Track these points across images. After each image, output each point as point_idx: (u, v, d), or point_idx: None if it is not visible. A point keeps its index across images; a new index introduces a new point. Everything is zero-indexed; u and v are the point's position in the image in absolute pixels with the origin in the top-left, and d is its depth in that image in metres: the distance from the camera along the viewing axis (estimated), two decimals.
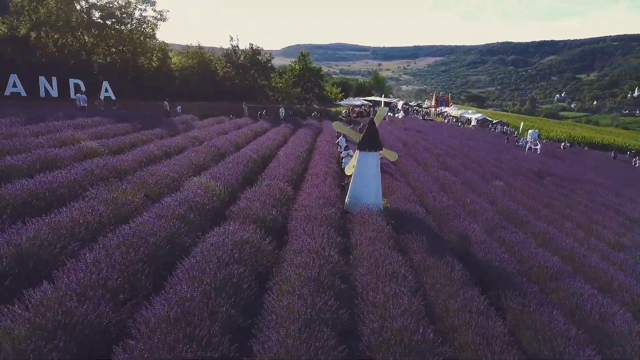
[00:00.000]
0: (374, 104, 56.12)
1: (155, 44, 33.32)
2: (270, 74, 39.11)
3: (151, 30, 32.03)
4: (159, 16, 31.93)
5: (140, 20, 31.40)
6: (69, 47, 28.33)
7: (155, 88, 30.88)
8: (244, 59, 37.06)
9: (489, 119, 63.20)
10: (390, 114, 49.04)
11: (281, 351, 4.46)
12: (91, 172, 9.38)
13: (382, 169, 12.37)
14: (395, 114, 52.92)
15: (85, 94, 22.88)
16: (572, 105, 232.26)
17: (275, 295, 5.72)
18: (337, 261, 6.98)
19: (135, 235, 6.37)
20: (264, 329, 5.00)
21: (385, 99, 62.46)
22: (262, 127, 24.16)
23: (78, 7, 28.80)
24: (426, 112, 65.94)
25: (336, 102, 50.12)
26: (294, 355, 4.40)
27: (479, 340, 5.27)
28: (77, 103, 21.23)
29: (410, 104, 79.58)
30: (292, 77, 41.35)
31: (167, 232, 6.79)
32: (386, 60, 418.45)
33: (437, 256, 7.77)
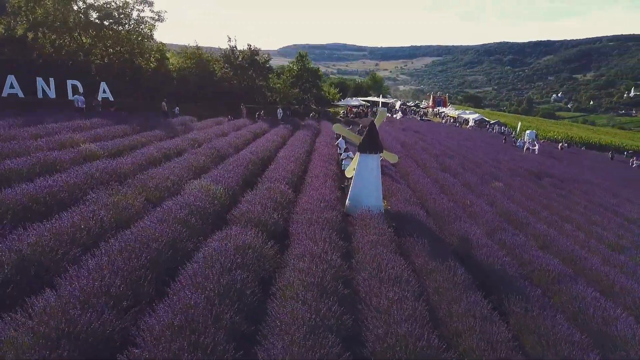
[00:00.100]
0: (371, 105, 56.20)
1: (153, 45, 33.14)
2: (268, 74, 39.00)
3: (149, 31, 31.88)
4: (156, 17, 31.75)
5: (138, 21, 31.21)
6: (66, 48, 28.11)
7: (153, 89, 30.71)
8: (242, 59, 36.93)
9: (486, 119, 63.23)
10: (388, 114, 49.01)
11: (286, 358, 4.44)
12: (91, 176, 9.32)
13: (382, 170, 12.35)
14: (393, 115, 52.96)
15: (83, 94, 22.74)
16: (569, 105, 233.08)
17: (279, 301, 5.70)
18: (339, 265, 6.96)
19: (137, 240, 6.33)
20: (269, 335, 4.97)
21: (383, 99, 62.45)
22: (261, 129, 24.12)
23: (75, 7, 28.57)
24: (424, 112, 65.95)
25: (334, 103, 49.97)
26: None
27: (483, 346, 5.27)
28: (75, 104, 21.11)
29: (407, 104, 79.46)
30: (290, 78, 41.22)
31: (169, 237, 6.74)
32: (383, 60, 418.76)
33: (439, 260, 7.77)
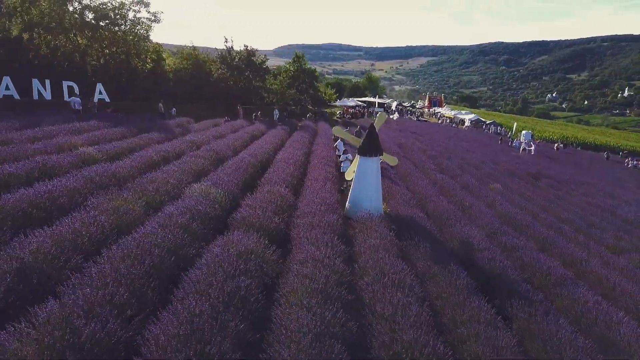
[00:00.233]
0: (367, 105, 56.22)
1: (149, 46, 33.03)
2: (265, 75, 38.94)
3: (145, 31, 31.76)
4: (152, 17, 31.67)
5: (134, 22, 31.10)
6: (62, 49, 27.95)
7: (149, 90, 30.61)
8: (238, 60, 36.87)
9: (482, 119, 63.39)
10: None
11: None
12: (91, 180, 9.24)
13: (381, 172, 12.33)
14: (390, 115, 52.96)
15: (79, 96, 22.59)
16: (563, 105, 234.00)
17: (283, 307, 5.66)
18: (342, 271, 6.94)
19: (140, 247, 6.28)
20: (274, 343, 4.94)
21: (379, 100, 62.49)
22: (258, 130, 24.07)
23: (71, 8, 28.44)
24: (420, 113, 66.02)
25: (330, 103, 49.92)
26: None
27: (488, 352, 5.26)
28: (72, 106, 20.94)
29: (403, 104, 79.50)
30: (287, 79, 41.14)
31: (171, 243, 6.69)
32: (379, 60, 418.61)
33: (441, 264, 7.77)
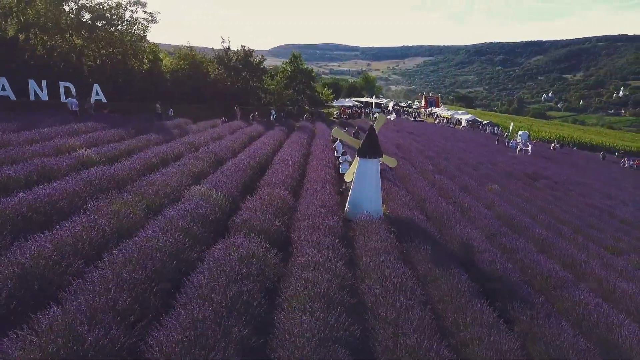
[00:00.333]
0: (364, 105, 56.27)
1: (145, 46, 32.90)
2: (262, 75, 38.88)
3: (142, 32, 31.63)
4: (149, 18, 31.54)
5: (131, 22, 30.97)
6: (58, 49, 27.79)
7: (146, 90, 30.51)
8: (235, 60, 36.79)
9: (479, 119, 63.63)
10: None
11: None
12: (90, 183, 9.19)
13: (380, 174, 12.34)
14: (387, 116, 53.02)
15: (76, 97, 22.47)
16: (559, 105, 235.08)
17: (286, 312, 5.64)
18: (344, 274, 6.93)
19: (141, 251, 6.24)
20: (278, 348, 4.93)
21: (376, 100, 62.59)
22: (256, 131, 24.02)
23: (67, 8, 28.29)
24: (417, 113, 66.15)
25: (327, 104, 49.89)
26: None
27: (492, 356, 5.27)
28: (69, 107, 20.83)
29: (400, 104, 79.57)
30: (284, 79, 41.08)
31: (173, 247, 6.66)
32: (375, 60, 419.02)
33: (442, 267, 7.78)
